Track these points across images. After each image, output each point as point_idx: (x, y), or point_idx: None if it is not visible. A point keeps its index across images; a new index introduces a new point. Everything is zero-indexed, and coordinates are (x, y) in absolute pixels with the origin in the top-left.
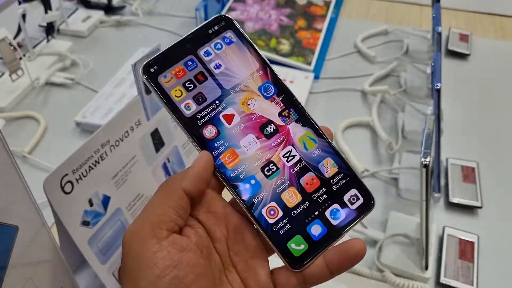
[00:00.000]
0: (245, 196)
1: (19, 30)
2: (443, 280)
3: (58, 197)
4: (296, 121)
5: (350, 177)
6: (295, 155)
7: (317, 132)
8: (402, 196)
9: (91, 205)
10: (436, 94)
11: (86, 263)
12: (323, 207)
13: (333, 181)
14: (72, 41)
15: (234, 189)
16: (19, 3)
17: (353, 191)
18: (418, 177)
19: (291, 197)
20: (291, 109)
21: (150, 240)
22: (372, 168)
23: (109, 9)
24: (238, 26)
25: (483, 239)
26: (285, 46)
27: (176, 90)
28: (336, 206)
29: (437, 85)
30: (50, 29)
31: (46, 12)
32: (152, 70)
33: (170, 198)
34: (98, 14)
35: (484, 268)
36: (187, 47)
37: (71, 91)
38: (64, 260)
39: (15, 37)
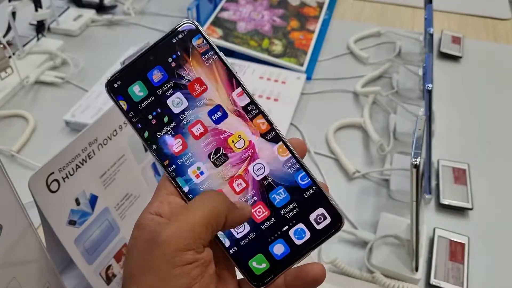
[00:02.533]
0: None
1: (9, 28)
2: (433, 281)
3: (44, 195)
4: (264, 135)
5: (318, 195)
6: (263, 170)
7: (287, 146)
8: (393, 198)
9: (78, 204)
10: (428, 94)
11: (73, 263)
12: (288, 225)
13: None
14: (63, 40)
15: None
16: (9, 0)
17: (321, 210)
18: (409, 178)
19: (258, 212)
20: (259, 121)
21: (189, 251)
22: (363, 169)
23: (101, 8)
24: (204, 32)
25: (474, 240)
26: (278, 46)
27: (141, 106)
28: (301, 225)
29: (428, 86)
30: (40, 28)
31: (36, 10)
32: (115, 85)
33: (216, 216)
34: (90, 13)
35: (474, 269)
36: (150, 60)
37: (61, 90)
38: (50, 260)
39: (4, 35)
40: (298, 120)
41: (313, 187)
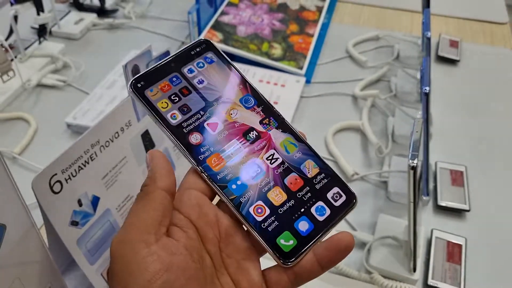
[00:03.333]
0: (232, 196)
1: (11, 32)
2: (430, 282)
3: (46, 196)
4: (277, 128)
5: (332, 177)
6: (278, 158)
7: (297, 137)
8: (391, 199)
9: (80, 205)
10: (425, 97)
11: (75, 264)
12: (308, 204)
13: (315, 181)
14: (64, 43)
15: (222, 189)
16: (11, 4)
17: (336, 189)
18: (407, 180)
19: (277, 196)
20: (271, 117)
21: (139, 245)
22: (362, 171)
23: (102, 12)
24: (218, 47)
25: (471, 242)
26: (277, 50)
27: (162, 102)
28: (320, 203)
29: (425, 89)
30: (42, 31)
31: (38, 14)
32: (139, 85)
33: (152, 201)
34: (91, 17)
35: (471, 270)
36: (171, 66)
37: (62, 93)
38: (52, 261)
39: (6, 39)
40: (298, 123)
41: (326, 170)
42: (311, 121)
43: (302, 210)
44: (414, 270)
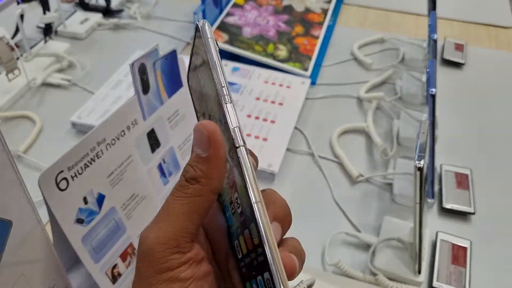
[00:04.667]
0: (229, 222)
1: (17, 30)
2: (435, 284)
3: (53, 193)
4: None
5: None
6: (239, 205)
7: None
8: (396, 202)
9: (86, 203)
10: (431, 99)
11: (79, 262)
12: (254, 273)
13: (255, 254)
14: (69, 42)
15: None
16: (18, 3)
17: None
18: (412, 182)
19: (242, 245)
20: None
21: (176, 250)
22: (366, 173)
23: (107, 12)
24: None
25: (476, 244)
26: (282, 52)
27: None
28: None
29: (432, 91)
30: (48, 30)
31: (44, 13)
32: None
33: (201, 205)
34: (96, 17)
35: (476, 273)
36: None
37: (67, 92)
38: (57, 258)
39: (12, 37)
40: (303, 125)
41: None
42: (316, 123)
43: (253, 273)
44: (419, 272)
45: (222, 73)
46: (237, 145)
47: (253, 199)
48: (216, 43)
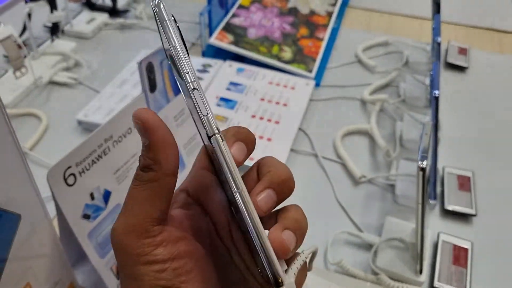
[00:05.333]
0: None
1: (24, 29)
2: (436, 284)
3: (61, 188)
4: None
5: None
6: (229, 188)
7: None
8: (398, 202)
9: (93, 198)
10: (434, 101)
11: (85, 258)
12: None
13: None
14: (76, 42)
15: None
16: (26, 2)
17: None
18: (414, 184)
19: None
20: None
21: (145, 236)
22: (369, 174)
23: (114, 12)
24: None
25: (477, 245)
26: (287, 53)
27: None
28: None
29: (435, 93)
30: (55, 29)
31: (52, 12)
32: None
33: (159, 190)
34: (103, 17)
35: (477, 274)
36: None
37: (73, 90)
38: (63, 252)
39: (20, 36)
40: (307, 126)
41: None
42: (320, 124)
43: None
44: (421, 272)
45: (185, 58)
46: (210, 135)
47: (234, 189)
48: (176, 26)
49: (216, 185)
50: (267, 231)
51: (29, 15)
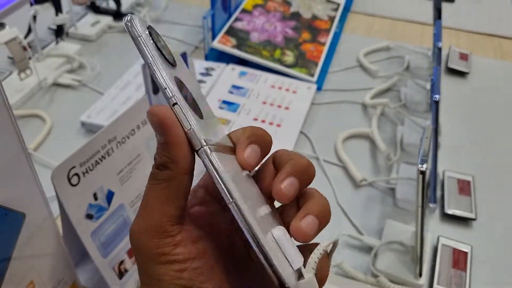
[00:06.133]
0: None
1: (29, 31)
2: (436, 287)
3: (64, 188)
4: None
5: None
6: None
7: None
8: (399, 206)
9: (96, 199)
10: (435, 105)
11: (87, 257)
12: None
13: None
14: (80, 44)
15: None
16: (31, 4)
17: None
18: (414, 187)
19: None
20: None
21: (164, 236)
22: (370, 177)
23: (118, 15)
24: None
25: (476, 249)
26: (289, 57)
27: None
28: None
29: (435, 97)
30: (59, 32)
31: (56, 15)
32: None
33: (176, 189)
34: (107, 20)
35: (476, 277)
36: None
37: (77, 92)
38: (66, 252)
39: (25, 38)
40: (308, 129)
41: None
42: (321, 128)
43: None
44: (420, 275)
45: (162, 73)
46: (196, 148)
47: (227, 200)
48: (152, 39)
49: None
50: (279, 228)
51: (34, 18)
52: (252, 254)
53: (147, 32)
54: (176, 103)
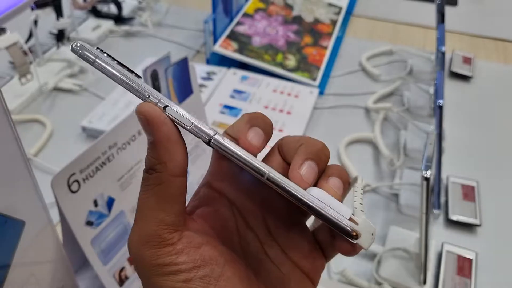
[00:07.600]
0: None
1: (30, 36)
2: None
3: (64, 195)
4: None
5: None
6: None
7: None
8: (402, 212)
9: (96, 205)
10: (438, 110)
11: (87, 264)
12: None
13: None
14: None
15: None
16: (32, 9)
17: None
18: (418, 193)
19: None
20: None
21: (163, 244)
22: (373, 183)
23: (119, 20)
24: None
25: (481, 256)
26: (291, 61)
27: None
28: None
29: (439, 102)
30: (60, 36)
31: (57, 19)
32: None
33: (169, 193)
34: (108, 24)
35: (481, 284)
36: None
37: (78, 97)
38: (66, 259)
39: (26, 42)
40: (310, 134)
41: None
42: (324, 133)
43: None
44: (424, 282)
45: (136, 83)
46: (207, 140)
47: (259, 177)
48: (110, 56)
49: (238, 170)
50: (311, 188)
51: (35, 22)
52: (268, 249)
53: (99, 50)
54: (167, 106)
